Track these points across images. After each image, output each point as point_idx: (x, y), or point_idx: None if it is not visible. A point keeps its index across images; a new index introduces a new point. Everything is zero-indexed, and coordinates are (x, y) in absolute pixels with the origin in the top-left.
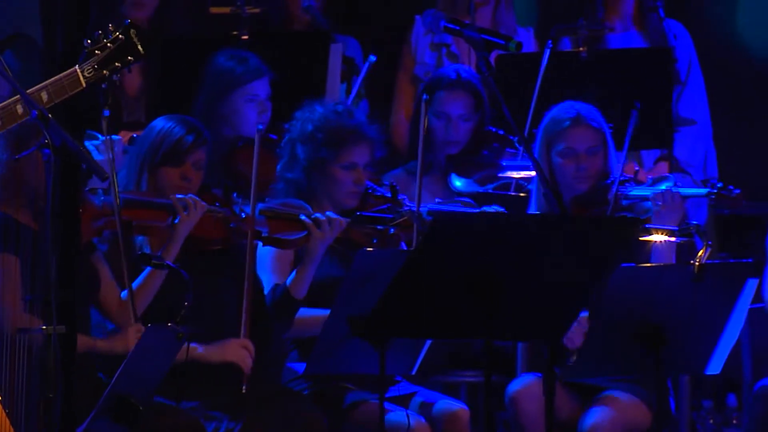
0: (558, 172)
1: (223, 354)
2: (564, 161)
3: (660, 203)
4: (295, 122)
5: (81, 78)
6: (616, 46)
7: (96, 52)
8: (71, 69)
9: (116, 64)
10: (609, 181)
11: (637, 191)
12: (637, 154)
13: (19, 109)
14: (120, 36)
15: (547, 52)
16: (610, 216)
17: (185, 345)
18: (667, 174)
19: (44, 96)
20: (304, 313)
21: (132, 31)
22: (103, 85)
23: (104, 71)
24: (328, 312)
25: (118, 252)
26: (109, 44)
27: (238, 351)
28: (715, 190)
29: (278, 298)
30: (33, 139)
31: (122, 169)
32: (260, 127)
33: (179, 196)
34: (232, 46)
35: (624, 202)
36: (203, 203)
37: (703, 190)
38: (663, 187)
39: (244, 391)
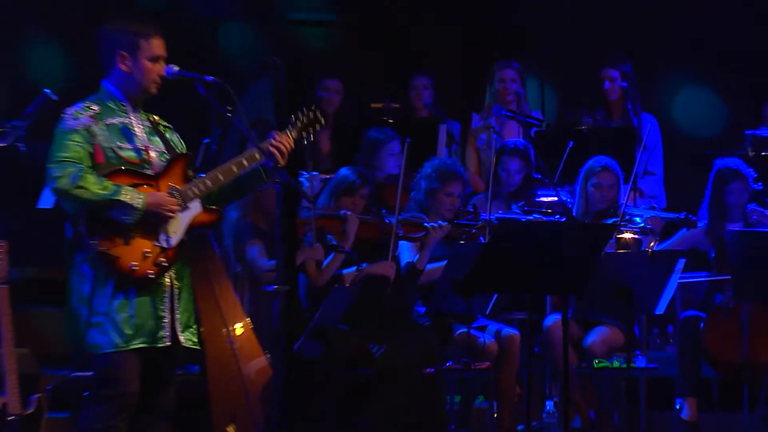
0: (590, 196)
1: (380, 268)
2: (594, 190)
3: (650, 225)
4: (421, 169)
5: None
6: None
7: (298, 121)
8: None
9: (310, 128)
10: (621, 202)
11: (635, 211)
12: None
13: (258, 156)
14: (312, 113)
15: (588, 119)
16: (600, 223)
17: (360, 266)
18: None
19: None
20: (427, 267)
21: (318, 111)
22: (305, 142)
23: (304, 132)
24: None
25: (320, 243)
26: (306, 117)
27: (387, 268)
28: (683, 216)
29: (410, 268)
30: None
31: (321, 195)
32: (398, 171)
33: (348, 212)
34: (382, 125)
35: (627, 217)
36: (359, 216)
37: (678, 215)
38: (651, 212)
39: (386, 316)
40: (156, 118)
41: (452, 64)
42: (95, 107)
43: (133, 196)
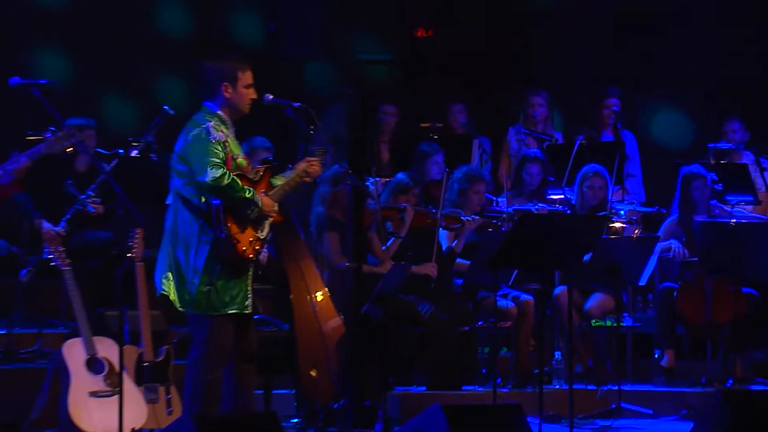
0: (585, 195)
1: (424, 269)
2: (588, 190)
3: (633, 216)
4: (455, 172)
5: None
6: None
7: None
8: None
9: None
10: (609, 199)
11: (619, 206)
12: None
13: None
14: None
15: (577, 143)
16: (597, 215)
17: (408, 268)
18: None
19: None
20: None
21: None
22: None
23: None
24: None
25: (380, 230)
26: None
27: (431, 268)
28: (656, 210)
29: (449, 251)
30: (342, 181)
31: (382, 194)
32: (440, 176)
33: (404, 204)
34: (428, 140)
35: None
36: (414, 208)
37: (652, 209)
38: (622, 213)
39: (432, 286)
40: None
41: (484, 90)
42: (219, 123)
43: (257, 197)
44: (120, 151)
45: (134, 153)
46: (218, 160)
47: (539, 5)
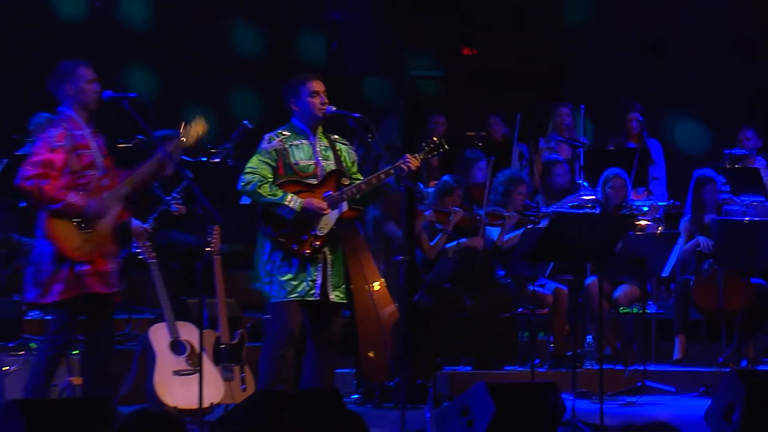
0: (608, 195)
1: (472, 242)
2: (610, 191)
3: (649, 215)
4: (498, 176)
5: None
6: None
7: (425, 146)
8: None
9: (434, 152)
10: (629, 199)
11: (639, 203)
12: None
13: (391, 171)
14: (437, 141)
15: (611, 146)
16: (622, 214)
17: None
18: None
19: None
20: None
21: (442, 140)
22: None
23: (429, 155)
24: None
25: (430, 229)
26: (431, 144)
27: (478, 241)
28: (670, 203)
29: (493, 245)
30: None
31: (431, 196)
32: (484, 180)
33: (456, 208)
34: (473, 147)
35: (636, 208)
36: (461, 211)
37: (667, 203)
38: (645, 209)
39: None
40: (335, 137)
41: (522, 102)
42: (286, 133)
43: (293, 201)
44: (203, 159)
45: (216, 159)
46: (251, 169)
47: (574, 24)
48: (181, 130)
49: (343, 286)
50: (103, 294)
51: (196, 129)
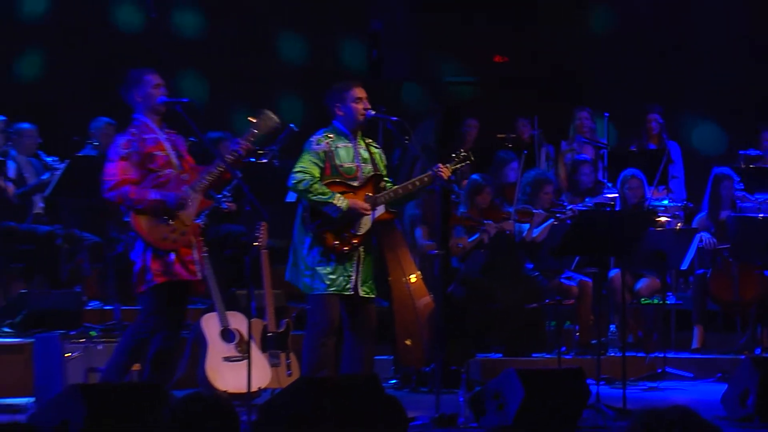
0: (626, 194)
1: (505, 225)
2: (628, 191)
3: (669, 212)
4: (521, 180)
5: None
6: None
7: (455, 157)
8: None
9: (461, 164)
10: (647, 196)
11: (657, 202)
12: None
13: (427, 180)
14: (464, 153)
15: (633, 148)
16: (644, 210)
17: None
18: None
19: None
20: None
21: (469, 152)
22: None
23: (457, 166)
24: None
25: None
26: (459, 157)
27: (509, 224)
28: (683, 203)
29: (522, 239)
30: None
31: (461, 196)
32: (515, 179)
33: (489, 222)
34: (504, 149)
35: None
36: (493, 224)
37: (681, 203)
38: (665, 202)
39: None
40: (369, 140)
41: (550, 106)
42: (331, 135)
43: (341, 201)
44: (252, 159)
45: (264, 160)
46: (302, 168)
47: (599, 32)
48: (253, 121)
49: (371, 282)
50: (188, 281)
51: (266, 121)
